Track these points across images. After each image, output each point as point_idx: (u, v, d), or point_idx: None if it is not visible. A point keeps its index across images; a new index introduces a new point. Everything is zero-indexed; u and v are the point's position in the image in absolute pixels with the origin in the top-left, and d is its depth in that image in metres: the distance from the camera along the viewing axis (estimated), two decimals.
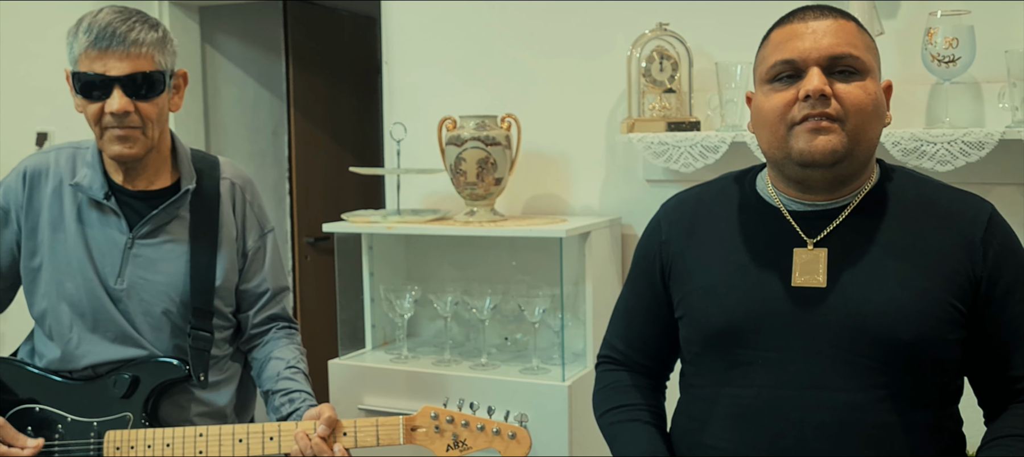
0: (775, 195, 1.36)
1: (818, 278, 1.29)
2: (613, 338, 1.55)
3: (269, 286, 1.74)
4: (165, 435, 1.56)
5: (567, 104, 2.48)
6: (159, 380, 1.61)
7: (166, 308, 1.62)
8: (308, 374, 1.71)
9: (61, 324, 1.62)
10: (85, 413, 1.60)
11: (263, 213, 1.77)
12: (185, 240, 1.65)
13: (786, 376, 1.28)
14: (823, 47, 1.26)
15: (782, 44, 1.29)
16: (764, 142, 1.32)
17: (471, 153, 2.28)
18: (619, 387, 1.51)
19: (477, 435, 1.51)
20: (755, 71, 1.36)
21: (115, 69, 1.51)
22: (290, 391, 1.63)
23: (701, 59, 2.30)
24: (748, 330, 1.31)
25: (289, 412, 1.61)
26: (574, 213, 2.50)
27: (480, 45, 2.57)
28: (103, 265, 1.61)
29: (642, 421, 1.46)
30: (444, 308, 2.33)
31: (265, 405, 1.69)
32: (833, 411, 1.25)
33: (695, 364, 1.41)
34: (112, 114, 1.52)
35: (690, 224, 1.43)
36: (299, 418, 1.58)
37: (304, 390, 1.64)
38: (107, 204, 1.61)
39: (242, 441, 1.55)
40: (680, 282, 1.41)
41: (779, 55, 1.29)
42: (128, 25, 1.52)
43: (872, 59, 1.29)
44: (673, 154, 2.16)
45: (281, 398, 1.63)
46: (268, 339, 1.74)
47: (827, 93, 1.24)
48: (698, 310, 1.37)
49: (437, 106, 2.58)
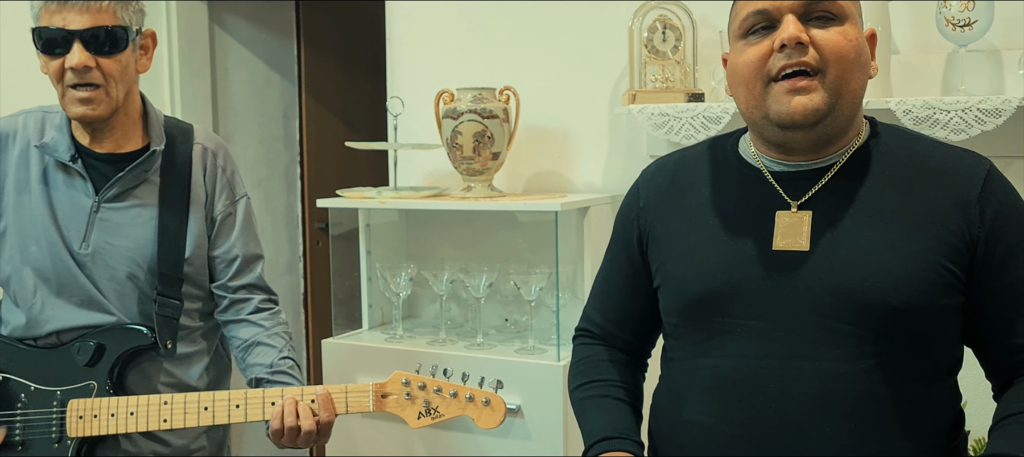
0: (757, 156, 1.27)
1: (801, 242, 1.20)
2: (591, 311, 1.47)
3: (239, 253, 1.68)
4: (129, 403, 1.51)
5: (568, 78, 2.41)
6: (125, 347, 1.56)
7: (131, 273, 1.58)
8: (297, 361, 1.65)
9: (25, 289, 1.58)
10: (49, 382, 1.55)
11: (236, 179, 1.71)
12: (154, 205, 1.60)
13: (767, 345, 1.19)
14: None
15: None
16: (741, 102, 1.24)
17: (467, 126, 2.21)
18: (594, 362, 1.43)
19: (450, 402, 1.44)
20: (728, 29, 1.28)
21: (74, 22, 1.47)
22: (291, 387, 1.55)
23: (705, 29, 2.21)
24: (725, 297, 1.22)
25: None
26: (576, 190, 2.42)
27: (482, 19, 2.50)
28: (68, 229, 1.57)
29: (614, 398, 1.38)
30: (440, 287, 2.26)
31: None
32: (816, 382, 1.15)
33: (675, 336, 1.32)
34: (73, 70, 1.48)
35: (669, 188, 1.35)
36: None
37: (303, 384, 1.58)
38: (73, 167, 1.57)
39: (207, 409, 1.50)
40: (658, 249, 1.33)
41: (751, 6, 1.20)
42: None
43: (852, 5, 1.20)
44: (674, 125, 2.07)
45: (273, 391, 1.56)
46: (251, 317, 1.67)
47: (804, 41, 1.15)
48: (675, 278, 1.29)
49: (440, 82, 2.51)
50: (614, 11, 2.33)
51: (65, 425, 1.53)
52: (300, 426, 1.46)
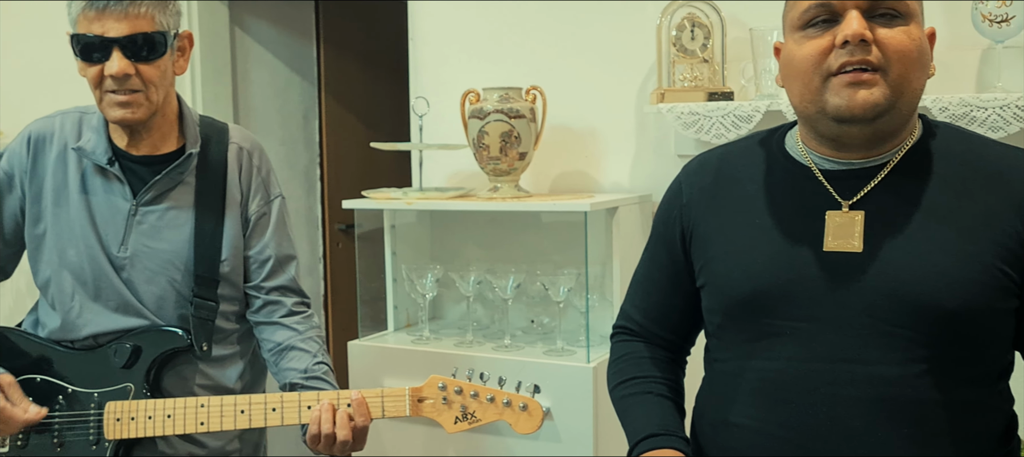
0: (805, 153, 1.25)
1: (853, 242, 1.18)
2: (630, 308, 1.46)
3: (272, 253, 1.67)
4: (166, 406, 1.51)
5: (594, 77, 2.39)
6: (161, 350, 1.55)
7: (170, 276, 1.57)
8: (331, 366, 1.65)
9: (63, 292, 1.57)
10: (86, 383, 1.55)
11: (271, 179, 1.70)
12: (190, 207, 1.60)
13: (817, 348, 1.17)
14: None
15: None
16: (795, 96, 1.22)
17: (494, 126, 2.20)
18: (634, 358, 1.41)
19: (487, 407, 1.43)
20: (784, 18, 1.25)
21: (113, 30, 1.46)
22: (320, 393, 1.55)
23: (734, 27, 2.19)
24: (775, 298, 1.20)
25: None
26: (603, 190, 2.40)
27: (506, 18, 2.49)
28: (106, 232, 1.57)
29: (656, 394, 1.36)
30: (467, 288, 2.25)
31: None
32: (868, 386, 1.13)
33: (718, 337, 1.31)
34: (112, 77, 1.48)
35: (713, 186, 1.33)
36: None
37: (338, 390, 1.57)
38: (110, 170, 1.57)
39: (244, 412, 1.49)
40: (702, 248, 1.31)
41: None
42: None
43: (916, 3, 1.18)
44: (705, 124, 2.06)
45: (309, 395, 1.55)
46: (284, 320, 1.66)
47: (868, 39, 1.12)
48: (721, 277, 1.27)
49: (464, 82, 2.50)
50: (640, 9, 2.31)
51: (102, 427, 1.52)
52: (336, 433, 1.45)
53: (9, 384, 1.51)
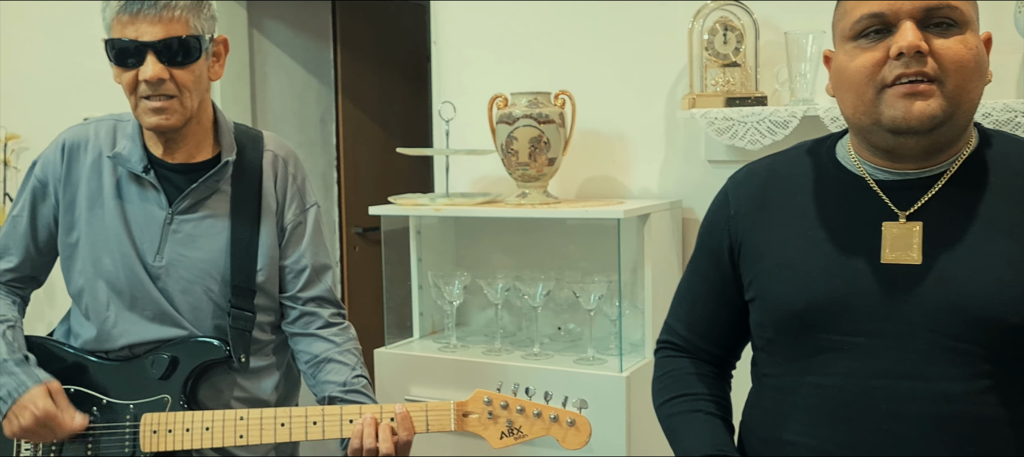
0: (858, 164, 1.23)
1: (912, 255, 1.15)
2: (674, 322, 1.43)
3: (308, 263, 1.64)
4: (204, 418, 1.48)
5: (623, 82, 2.37)
6: (198, 361, 1.53)
7: (206, 286, 1.55)
8: (370, 379, 1.62)
9: (98, 302, 1.55)
10: (122, 395, 1.53)
11: (306, 187, 1.68)
12: (226, 215, 1.57)
13: (876, 364, 1.14)
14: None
15: None
16: (848, 107, 1.19)
17: (523, 131, 2.17)
18: (680, 375, 1.39)
19: (533, 422, 1.40)
20: (835, 27, 1.22)
21: (147, 34, 1.44)
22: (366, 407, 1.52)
23: (767, 30, 2.17)
24: (832, 312, 1.18)
25: None
26: (632, 196, 2.38)
27: (532, 21, 2.46)
28: (142, 241, 1.55)
29: (705, 412, 1.34)
30: (495, 295, 2.23)
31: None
32: (930, 403, 1.11)
33: (769, 351, 1.28)
34: (146, 82, 1.45)
35: (761, 197, 1.30)
36: None
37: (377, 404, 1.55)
38: (146, 178, 1.55)
39: (284, 425, 1.47)
40: (751, 260, 1.28)
41: (865, 8, 1.14)
42: None
43: (971, 9, 1.15)
44: (738, 130, 2.03)
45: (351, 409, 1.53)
46: (321, 332, 1.63)
47: (923, 50, 1.10)
48: (773, 291, 1.24)
49: (488, 86, 2.48)
50: (669, 12, 2.28)
51: (138, 439, 1.50)
52: (378, 448, 1.43)
53: (57, 391, 1.49)
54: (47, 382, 1.49)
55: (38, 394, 1.47)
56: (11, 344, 1.53)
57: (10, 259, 1.61)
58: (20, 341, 1.56)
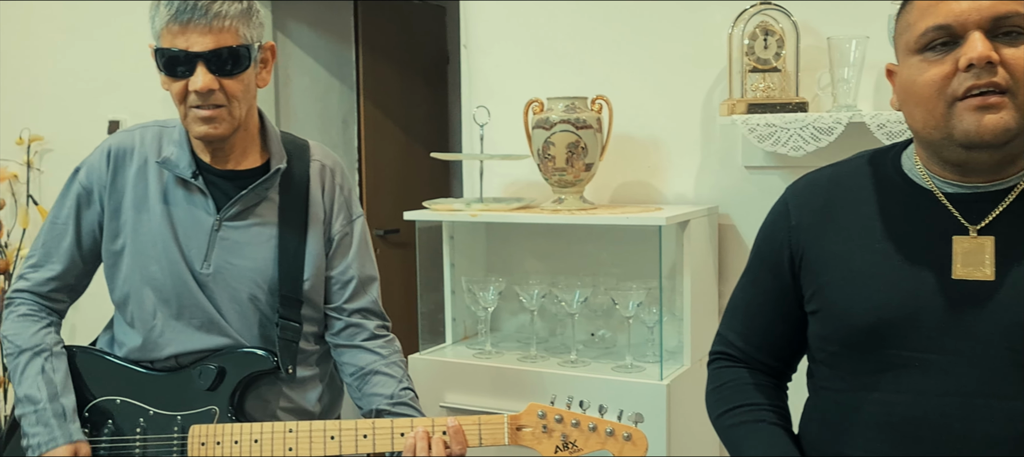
0: (927, 176, 1.20)
1: (984, 270, 1.13)
2: (729, 333, 1.41)
3: (355, 274, 1.63)
4: (253, 430, 1.46)
5: (658, 86, 2.34)
6: (246, 372, 1.51)
7: (253, 295, 1.53)
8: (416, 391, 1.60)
9: (144, 310, 1.53)
10: (168, 406, 1.51)
11: (353, 197, 1.66)
12: (273, 223, 1.56)
13: (949, 382, 1.12)
14: (984, 6, 1.09)
15: (931, 8, 1.12)
16: (917, 121, 1.17)
17: (560, 136, 2.15)
18: (739, 385, 1.37)
19: (588, 436, 1.38)
20: (898, 40, 1.20)
21: (198, 44, 1.42)
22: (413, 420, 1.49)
23: (808, 35, 2.14)
24: (902, 328, 1.16)
25: None
26: (666, 202, 2.36)
27: (563, 26, 2.44)
28: (189, 248, 1.53)
29: (768, 422, 1.32)
30: (530, 301, 2.21)
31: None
32: (1006, 423, 1.09)
33: (831, 364, 1.26)
34: (196, 92, 1.43)
35: (824, 208, 1.28)
36: None
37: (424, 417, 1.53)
38: (194, 183, 1.53)
39: (334, 438, 1.45)
40: (814, 272, 1.26)
41: (931, 20, 1.12)
42: None
43: None
44: (781, 137, 2.01)
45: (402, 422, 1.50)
46: (366, 344, 1.61)
47: (994, 60, 1.07)
48: (838, 304, 1.22)
49: (518, 90, 2.46)
50: (706, 16, 2.26)
51: (185, 451, 1.48)
52: None
53: (85, 456, 1.48)
54: (77, 444, 1.48)
55: (63, 454, 1.46)
56: (51, 383, 1.51)
57: (53, 267, 1.59)
58: (62, 373, 1.53)
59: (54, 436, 1.46)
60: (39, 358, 1.52)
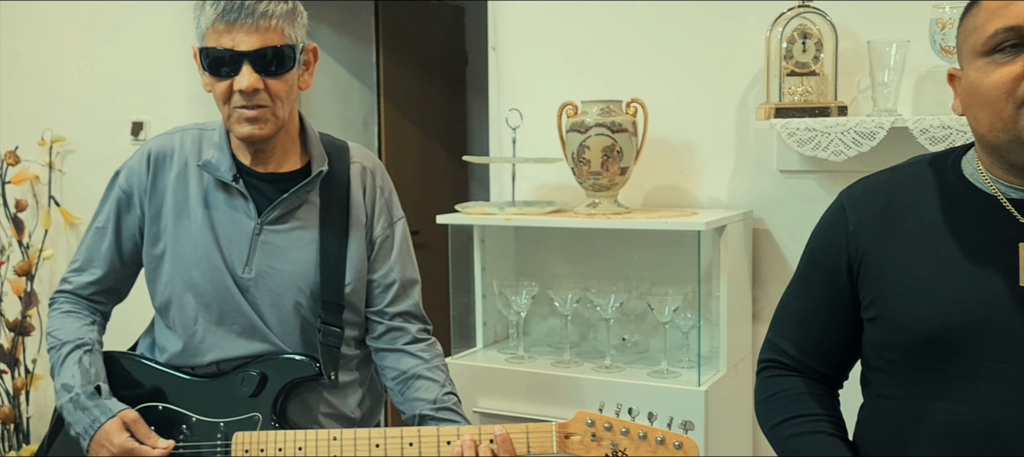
0: (990, 182, 1.18)
1: None
2: (781, 341, 1.38)
3: (397, 277, 1.61)
4: (297, 437, 1.44)
5: (692, 89, 2.32)
6: (289, 378, 1.49)
7: (295, 300, 1.51)
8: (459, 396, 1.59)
9: (186, 316, 1.52)
10: (211, 413, 1.49)
11: (393, 200, 1.65)
12: (314, 227, 1.54)
13: (1018, 391, 1.10)
14: None
15: (1001, 9, 1.11)
16: (982, 124, 1.14)
17: (596, 140, 2.13)
18: (793, 395, 1.34)
19: (638, 443, 1.36)
20: (963, 44, 1.18)
21: (244, 43, 1.40)
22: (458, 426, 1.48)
23: (846, 38, 2.12)
24: (967, 336, 1.13)
25: None
26: (700, 206, 2.33)
27: (592, 28, 2.42)
28: (230, 252, 1.51)
29: (826, 433, 1.29)
30: (565, 306, 2.19)
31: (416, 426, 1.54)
32: None
33: (889, 372, 1.24)
34: (241, 92, 1.42)
35: (884, 213, 1.26)
36: None
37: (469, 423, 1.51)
38: (235, 186, 1.51)
39: (379, 446, 1.43)
40: (873, 279, 1.24)
41: (999, 22, 1.10)
42: None
43: None
44: (822, 141, 1.98)
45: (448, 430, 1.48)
46: (408, 348, 1.59)
47: None
48: (900, 311, 1.20)
49: (546, 92, 2.44)
50: (740, 19, 2.24)
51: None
52: None
53: (134, 420, 1.45)
54: (120, 413, 1.46)
55: (112, 429, 1.44)
56: (86, 372, 1.49)
57: (94, 271, 1.58)
58: (98, 366, 1.52)
59: (95, 417, 1.45)
60: (78, 350, 1.51)
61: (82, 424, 1.45)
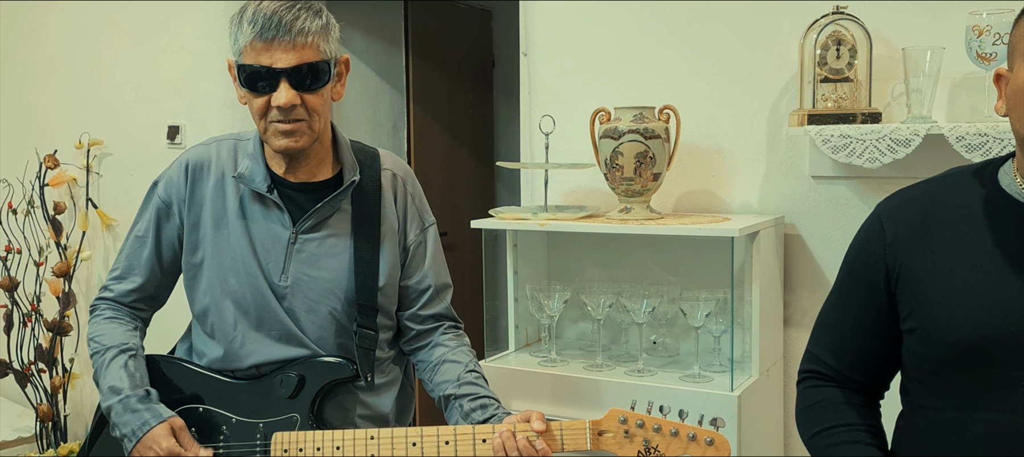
0: None
1: None
2: (820, 351, 1.39)
3: (431, 282, 1.64)
4: (335, 437, 1.47)
5: (723, 95, 2.32)
6: (326, 380, 1.52)
7: (331, 306, 1.54)
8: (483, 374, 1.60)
9: (225, 322, 1.55)
10: (250, 414, 1.52)
11: (424, 206, 1.67)
12: (347, 234, 1.57)
13: None
14: None
15: None
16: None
17: (629, 146, 2.14)
18: (832, 405, 1.35)
19: (670, 441, 1.37)
20: (1016, 45, 1.18)
21: (281, 61, 1.43)
22: (479, 396, 1.52)
23: (880, 44, 2.11)
24: (1007, 347, 1.14)
25: (484, 418, 1.50)
26: (731, 211, 2.33)
27: (624, 34, 2.43)
28: (267, 261, 1.54)
29: (865, 443, 1.30)
30: (597, 310, 2.20)
31: (443, 410, 1.58)
32: None
33: (928, 383, 1.24)
34: (279, 108, 1.45)
35: (922, 225, 1.26)
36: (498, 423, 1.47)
37: (493, 396, 1.53)
38: (270, 197, 1.54)
39: (416, 444, 1.45)
40: (912, 290, 1.24)
41: None
42: (293, 13, 1.44)
43: None
44: (857, 148, 1.98)
45: (471, 403, 1.52)
46: (435, 341, 1.64)
47: None
48: (939, 322, 1.20)
49: (577, 98, 2.45)
50: (773, 25, 2.24)
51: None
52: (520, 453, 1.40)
53: (181, 428, 1.49)
54: (170, 419, 1.49)
55: (161, 433, 1.47)
56: (133, 376, 1.53)
57: (134, 279, 1.62)
58: (142, 371, 1.55)
59: (145, 420, 1.48)
60: (123, 355, 1.55)
61: (131, 426, 1.48)
